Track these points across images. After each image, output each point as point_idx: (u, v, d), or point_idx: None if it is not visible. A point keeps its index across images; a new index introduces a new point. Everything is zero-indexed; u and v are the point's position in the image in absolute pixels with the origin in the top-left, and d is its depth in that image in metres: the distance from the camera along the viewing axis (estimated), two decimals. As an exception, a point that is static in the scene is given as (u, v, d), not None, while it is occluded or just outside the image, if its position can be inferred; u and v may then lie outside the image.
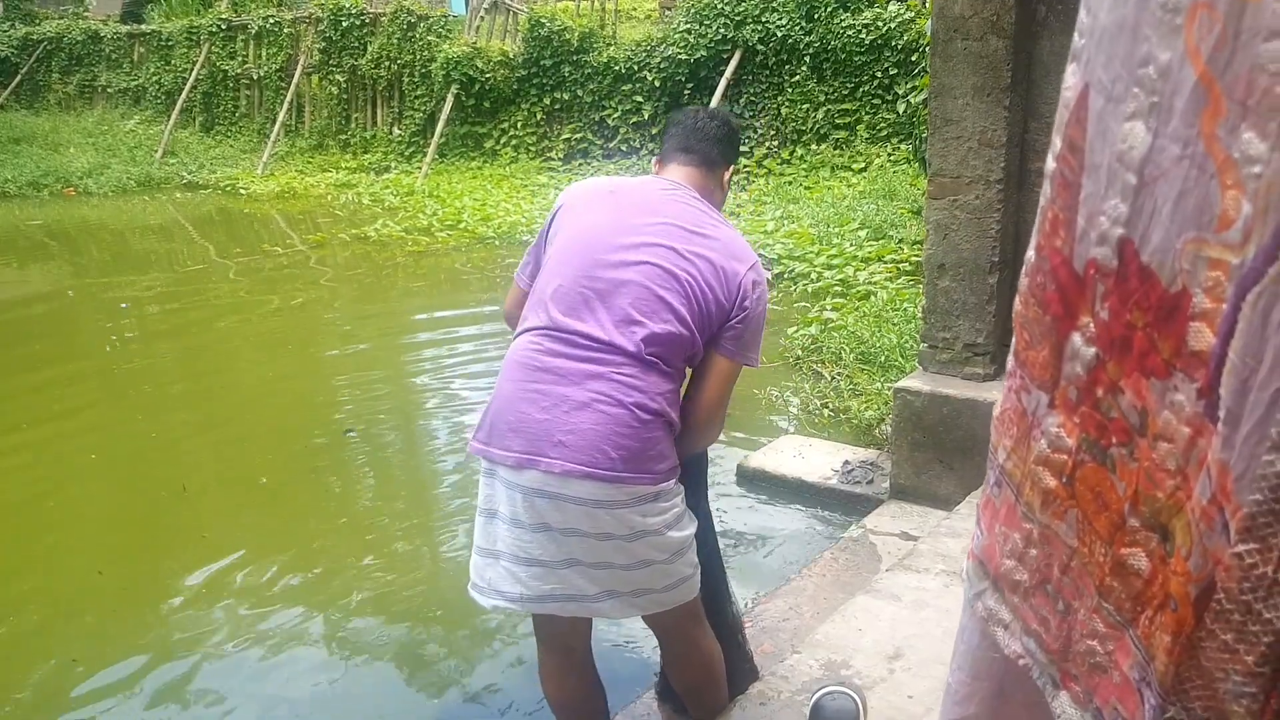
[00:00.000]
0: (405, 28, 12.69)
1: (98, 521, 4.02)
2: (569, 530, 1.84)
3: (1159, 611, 0.60)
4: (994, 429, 0.77)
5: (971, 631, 0.79)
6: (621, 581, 1.90)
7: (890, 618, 2.47)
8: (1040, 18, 3.03)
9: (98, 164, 12.94)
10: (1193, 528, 0.57)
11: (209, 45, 14.32)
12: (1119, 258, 0.59)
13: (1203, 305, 0.54)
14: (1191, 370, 0.56)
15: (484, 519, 1.95)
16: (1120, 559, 0.62)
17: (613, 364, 1.84)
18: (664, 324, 1.87)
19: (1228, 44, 0.51)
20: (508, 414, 1.88)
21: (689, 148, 2.11)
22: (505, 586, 1.91)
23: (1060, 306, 0.64)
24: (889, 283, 6.12)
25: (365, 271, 8.13)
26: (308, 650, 2.97)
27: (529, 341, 1.92)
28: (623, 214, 1.97)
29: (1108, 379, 0.61)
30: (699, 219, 1.98)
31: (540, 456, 1.82)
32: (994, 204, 3.13)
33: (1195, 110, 0.53)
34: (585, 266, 1.90)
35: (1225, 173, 0.52)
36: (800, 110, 10.33)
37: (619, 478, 1.81)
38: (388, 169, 12.29)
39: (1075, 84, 0.64)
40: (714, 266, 1.92)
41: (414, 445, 4.73)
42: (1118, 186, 0.58)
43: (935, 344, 3.34)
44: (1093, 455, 0.63)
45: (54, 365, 6.02)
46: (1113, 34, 0.59)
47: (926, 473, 3.34)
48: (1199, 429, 0.56)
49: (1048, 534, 0.68)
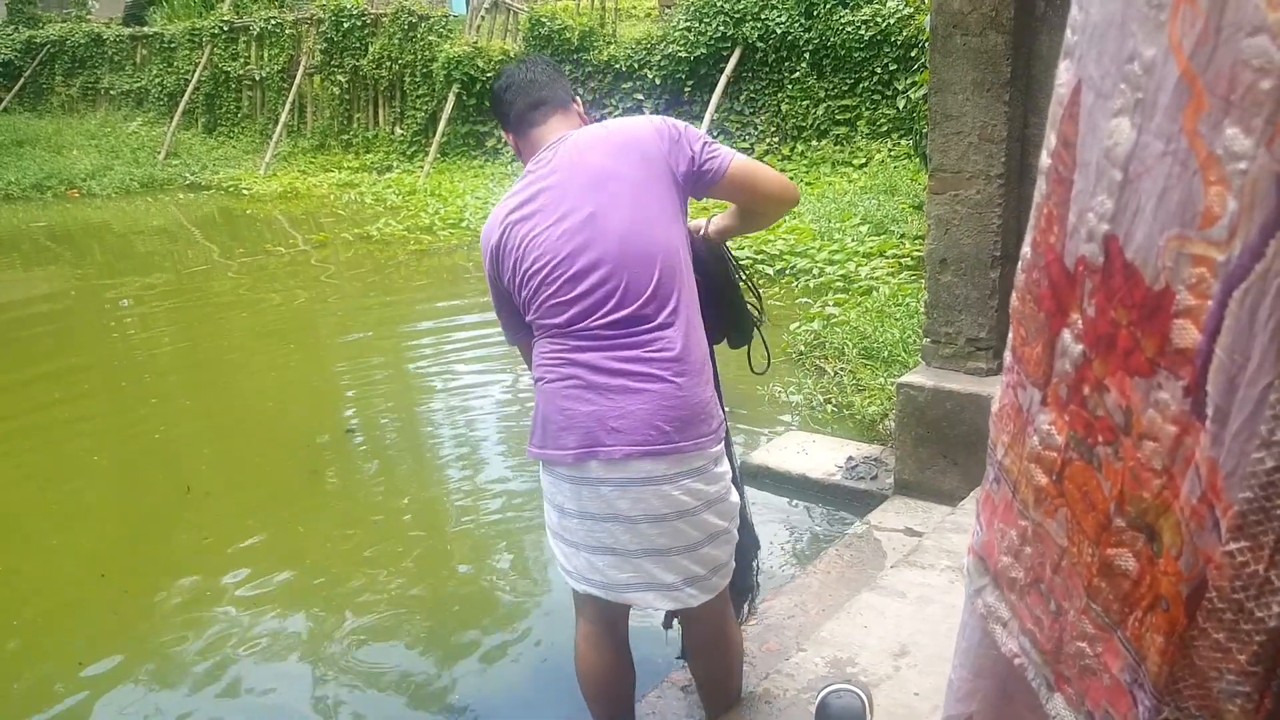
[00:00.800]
0: (406, 28, 12.70)
1: (101, 523, 4.03)
2: (641, 516, 1.87)
3: (1149, 612, 0.60)
4: (992, 425, 0.77)
5: (973, 629, 0.79)
6: (699, 561, 1.94)
7: (896, 614, 2.47)
8: (1039, 13, 3.02)
9: (101, 166, 12.97)
10: (1182, 526, 0.57)
11: (211, 47, 14.33)
12: (1104, 254, 0.59)
13: (1186, 302, 0.54)
14: (1176, 368, 0.55)
15: (557, 513, 1.98)
16: (1107, 560, 0.62)
17: (641, 341, 1.86)
18: (664, 260, 1.88)
19: (1210, 39, 0.51)
20: (555, 416, 1.91)
21: (537, 104, 2.05)
22: (590, 574, 1.96)
23: (1053, 303, 0.64)
24: (891, 278, 6.11)
25: (368, 270, 8.14)
26: (311, 654, 2.98)
27: (551, 345, 1.93)
28: (559, 213, 1.90)
29: (1094, 377, 0.61)
30: (598, 144, 1.95)
31: (598, 447, 1.85)
32: (995, 199, 3.13)
33: (1178, 106, 0.53)
34: (565, 270, 1.88)
35: (1208, 169, 0.52)
36: (800, 106, 10.32)
37: (678, 448, 1.86)
38: (390, 168, 12.30)
39: (1068, 80, 0.64)
40: (641, 160, 1.91)
41: (418, 444, 4.74)
42: (1104, 183, 0.58)
43: (938, 339, 3.33)
44: (1080, 454, 0.63)
45: (57, 365, 6.04)
46: (1102, 30, 0.59)
47: (930, 468, 3.34)
48: (1185, 427, 0.56)
49: (1040, 532, 0.68)
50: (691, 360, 1.90)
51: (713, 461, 1.94)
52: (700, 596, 1.98)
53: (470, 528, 3.76)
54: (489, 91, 2.16)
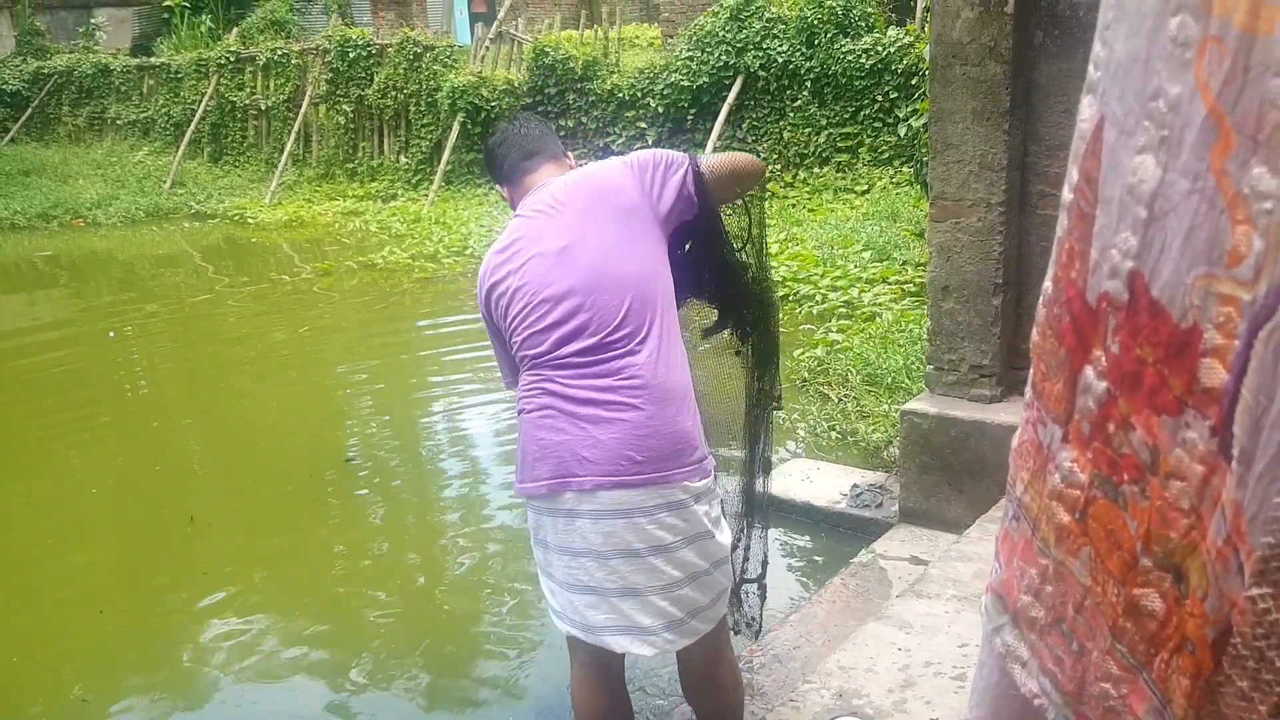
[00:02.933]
0: (411, 58, 12.80)
1: (102, 554, 4.01)
2: (614, 550, 1.83)
3: (1175, 654, 0.58)
4: (1012, 460, 0.76)
5: (990, 668, 0.78)
6: (677, 603, 1.89)
7: (902, 645, 2.45)
8: (1038, 43, 3.04)
9: (107, 195, 13.03)
10: (1208, 569, 0.56)
11: (218, 77, 14.45)
12: (1129, 291, 0.58)
13: (1214, 341, 0.54)
14: (1204, 407, 0.55)
15: (540, 549, 1.98)
16: (1133, 600, 0.61)
17: (612, 369, 1.84)
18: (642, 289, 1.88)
19: (1238, 79, 0.51)
20: (530, 447, 1.91)
21: (530, 154, 2.11)
22: (572, 614, 1.94)
23: (1074, 339, 0.64)
24: (894, 304, 6.11)
25: (372, 299, 8.15)
26: (313, 689, 2.95)
27: (529, 376, 1.95)
28: (537, 249, 1.93)
29: (1119, 414, 0.60)
30: (577, 184, 1.98)
31: (569, 477, 1.84)
32: (996, 226, 3.13)
33: (1205, 144, 0.53)
34: (538, 300, 1.90)
35: (1235, 208, 0.51)
36: (802, 134, 10.38)
37: (649, 479, 1.81)
38: (394, 196, 12.35)
39: (1091, 116, 0.64)
40: (615, 193, 1.93)
41: (420, 475, 4.72)
42: (1129, 220, 0.58)
43: (941, 366, 3.33)
44: (1105, 492, 0.62)
45: (61, 394, 6.03)
46: (1126, 67, 0.59)
47: (935, 495, 3.33)
48: (1213, 467, 0.55)
49: (1062, 571, 0.67)
50: (666, 389, 1.85)
51: (693, 497, 1.87)
52: (680, 641, 1.93)
53: (471, 561, 3.73)
54: (494, 120, 2.22)
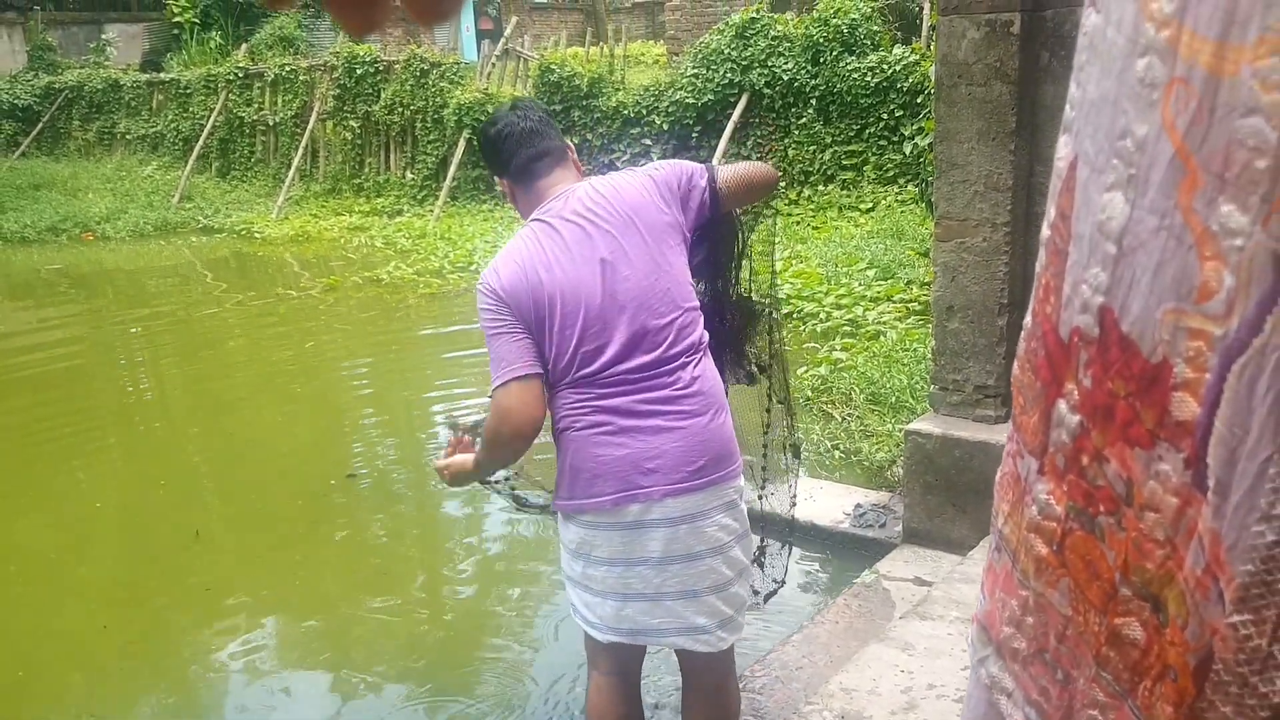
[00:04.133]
0: (418, 74, 12.89)
1: (105, 568, 4.02)
2: (677, 555, 1.89)
3: (1158, 681, 0.59)
4: (995, 493, 0.77)
5: (977, 700, 0.78)
6: (729, 601, 1.97)
7: (905, 667, 2.44)
8: (1044, 63, 3.06)
9: (115, 209, 13.11)
10: (1187, 597, 0.57)
11: (226, 93, 14.56)
12: (1100, 326, 0.59)
13: (1184, 375, 0.55)
14: (1176, 440, 0.56)
15: (582, 562, 1.97)
16: (1115, 629, 0.61)
17: (669, 381, 1.89)
18: (678, 302, 1.92)
19: (1204, 119, 0.52)
20: (586, 464, 1.91)
21: (540, 154, 2.05)
22: (618, 623, 1.96)
23: (1049, 373, 0.65)
24: (898, 322, 6.11)
25: (377, 314, 8.19)
26: (318, 703, 2.94)
27: (575, 394, 1.91)
28: (583, 264, 1.91)
29: (1093, 447, 0.61)
30: (609, 195, 1.97)
31: (636, 489, 1.87)
32: (1001, 246, 3.14)
33: (1172, 182, 0.54)
34: (594, 318, 1.89)
35: (1204, 244, 0.52)
36: (807, 152, 10.41)
37: (711, 481, 1.90)
38: (400, 212, 12.41)
39: (1066, 154, 0.65)
40: (648, 207, 1.95)
41: (424, 488, 4.73)
42: (1099, 255, 0.59)
43: (946, 386, 3.33)
44: (1081, 524, 0.63)
45: (65, 404, 6.06)
46: (1097, 106, 0.60)
47: (939, 516, 3.32)
48: (1187, 499, 0.56)
49: (1042, 602, 0.67)
50: (717, 394, 1.97)
51: (739, 494, 2.00)
52: (728, 639, 2.02)
53: (475, 576, 3.73)
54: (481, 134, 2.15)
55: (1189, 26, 0.52)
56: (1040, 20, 3.02)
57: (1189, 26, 0.52)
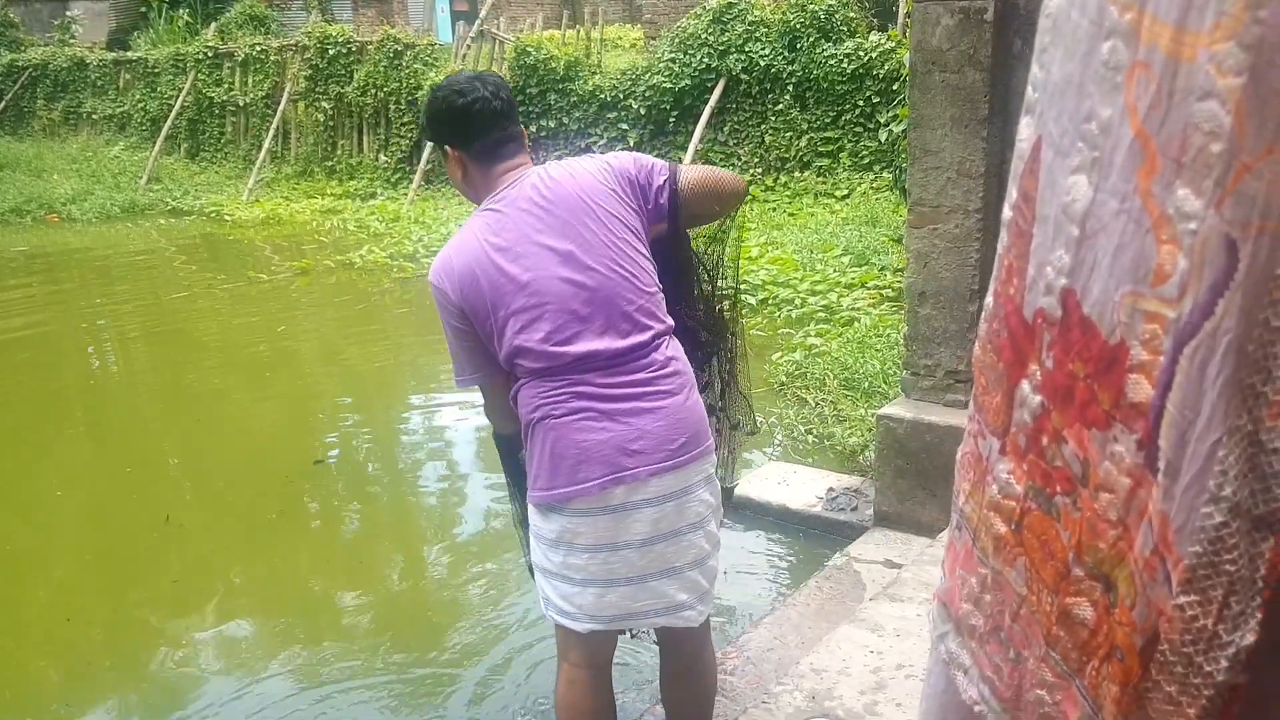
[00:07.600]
0: (392, 56, 12.75)
1: (72, 557, 3.97)
2: (662, 534, 1.92)
3: (1105, 662, 0.60)
4: (956, 472, 0.78)
5: (937, 675, 0.79)
6: (706, 574, 2.01)
7: (874, 648, 2.47)
8: (1016, 51, 3.07)
9: (82, 190, 12.88)
10: (1136, 578, 0.58)
11: (195, 73, 14.33)
12: (1062, 308, 0.60)
13: (1140, 357, 0.55)
14: (1131, 422, 0.56)
15: (562, 551, 1.95)
16: (1066, 608, 0.62)
17: (644, 364, 1.91)
18: (643, 287, 1.94)
19: (1163, 103, 0.52)
20: (568, 451, 1.89)
21: (507, 138, 1.99)
22: (598, 610, 1.95)
23: (1012, 353, 0.65)
24: (872, 309, 6.15)
25: (350, 299, 8.11)
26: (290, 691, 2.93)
27: (548, 383, 1.90)
28: (545, 253, 1.90)
29: (1052, 428, 0.62)
30: (565, 181, 1.95)
31: (621, 472, 1.88)
32: (973, 233, 3.16)
33: (1133, 166, 0.54)
34: (563, 308, 1.89)
35: (1160, 228, 0.53)
36: (783, 138, 10.42)
37: (693, 457, 1.94)
38: (373, 195, 12.30)
39: (1029, 136, 0.65)
40: (605, 194, 1.94)
41: (397, 477, 4.71)
42: (1063, 238, 0.60)
43: (917, 371, 3.35)
44: (1039, 503, 0.64)
45: (32, 392, 5.97)
46: (1062, 89, 0.61)
47: (910, 500, 3.35)
48: (1139, 480, 0.57)
49: (999, 580, 0.68)
50: (689, 373, 2.01)
51: (714, 467, 2.05)
52: (705, 612, 2.05)
53: (449, 562, 3.73)
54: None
55: (1150, 10, 0.52)
56: (1013, 7, 3.03)
57: (1150, 10, 0.52)
